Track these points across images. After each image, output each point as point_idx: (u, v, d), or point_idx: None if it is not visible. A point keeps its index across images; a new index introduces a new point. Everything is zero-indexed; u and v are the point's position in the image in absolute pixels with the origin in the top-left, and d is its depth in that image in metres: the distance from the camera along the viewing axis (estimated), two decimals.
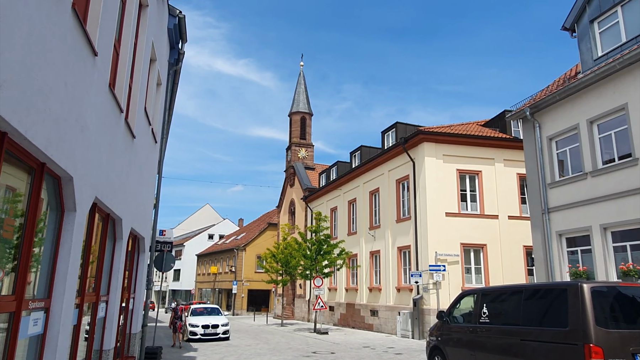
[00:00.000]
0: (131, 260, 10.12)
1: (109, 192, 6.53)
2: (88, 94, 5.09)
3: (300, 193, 38.30)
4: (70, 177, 4.72)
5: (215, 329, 19.06)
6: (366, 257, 25.78)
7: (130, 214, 8.52)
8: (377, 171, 25.45)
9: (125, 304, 9.95)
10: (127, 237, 8.33)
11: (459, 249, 20.18)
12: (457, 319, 9.17)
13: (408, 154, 21.69)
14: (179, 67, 13.12)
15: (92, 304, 6.80)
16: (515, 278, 20.35)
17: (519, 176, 21.69)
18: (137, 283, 10.87)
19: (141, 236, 10.47)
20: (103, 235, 7.07)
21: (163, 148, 13.10)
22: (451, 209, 20.56)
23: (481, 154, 21.43)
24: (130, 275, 10.12)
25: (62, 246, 4.85)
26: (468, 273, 20.40)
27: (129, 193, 8.26)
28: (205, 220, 77.08)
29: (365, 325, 24.65)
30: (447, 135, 21.01)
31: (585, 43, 13.32)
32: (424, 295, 19.80)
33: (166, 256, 13.25)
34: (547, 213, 13.80)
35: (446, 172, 20.90)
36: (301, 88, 43.04)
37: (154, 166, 11.64)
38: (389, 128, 25.74)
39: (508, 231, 20.85)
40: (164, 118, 12.72)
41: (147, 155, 10.17)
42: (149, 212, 11.19)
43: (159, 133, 12.00)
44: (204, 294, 59.63)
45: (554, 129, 13.96)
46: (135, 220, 9.13)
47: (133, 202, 8.74)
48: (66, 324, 4.96)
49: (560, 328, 6.36)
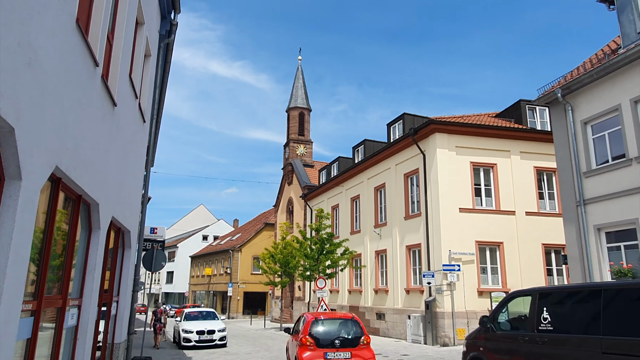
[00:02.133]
0: (114, 257, 8.57)
1: (78, 165, 5.01)
2: (40, 16, 3.58)
3: (298, 191, 36.77)
4: (10, 129, 3.21)
5: (211, 334, 17.43)
6: (371, 256, 24.29)
7: (111, 199, 6.99)
8: (382, 165, 23.99)
9: (107, 308, 8.40)
10: (106, 227, 6.79)
11: (474, 247, 18.75)
12: (504, 325, 7.69)
13: (418, 145, 20.25)
14: (172, 40, 11.59)
15: (58, 310, 5.28)
16: (533, 278, 18.94)
17: (536, 169, 20.32)
18: (122, 284, 9.32)
19: (126, 229, 8.92)
20: (73, 222, 5.54)
21: (154, 132, 11.54)
22: (465, 204, 19.14)
23: (496, 145, 20.03)
24: (113, 275, 8.57)
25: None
26: (484, 273, 18.97)
27: (109, 174, 6.73)
28: (199, 221, 75.29)
29: (371, 329, 23.13)
30: (460, 125, 19.59)
31: (626, 15, 11.94)
32: (437, 297, 18.34)
33: (156, 254, 11.66)
34: (583, 205, 12.38)
35: (459, 165, 19.48)
36: (299, 83, 41.57)
37: (142, 150, 10.11)
38: (396, 120, 24.29)
39: (526, 228, 19.45)
40: (155, 97, 11.18)
41: (134, 134, 8.64)
42: (135, 203, 9.65)
43: (147, 112, 10.47)
44: (198, 297, 57.84)
45: (589, 112, 12.56)
46: (117, 208, 7.60)
47: (114, 185, 7.22)
48: None
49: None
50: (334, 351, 10.03)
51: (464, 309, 17.95)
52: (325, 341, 10.18)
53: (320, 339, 10.22)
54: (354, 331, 10.69)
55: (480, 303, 18.20)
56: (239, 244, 48.00)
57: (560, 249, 19.85)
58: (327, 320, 11.05)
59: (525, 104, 21.30)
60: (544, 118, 21.40)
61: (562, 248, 19.82)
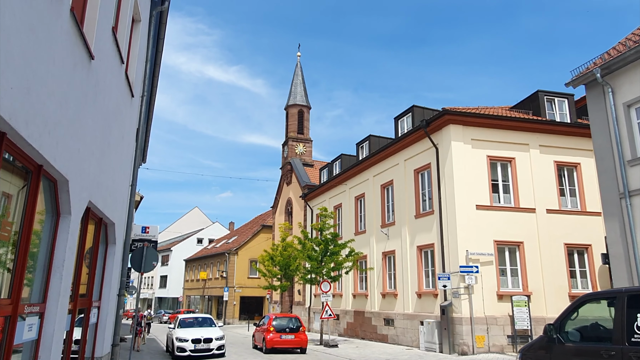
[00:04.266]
0: (94, 253, 7.10)
1: (32, 117, 3.57)
2: None
3: (298, 191, 35.31)
4: None
5: (208, 343, 15.83)
6: (378, 258, 22.84)
7: (86, 178, 5.53)
8: (390, 161, 22.60)
9: (84, 315, 6.93)
10: (80, 213, 5.33)
11: (493, 248, 17.37)
12: (573, 334, 6.27)
13: (430, 138, 18.88)
14: (165, 8, 10.15)
15: (6, 319, 3.82)
16: (556, 281, 17.61)
17: (556, 164, 18.99)
18: (104, 287, 7.84)
19: (110, 221, 7.45)
20: (29, 202, 4.10)
21: (147, 111, 10.05)
22: (482, 201, 17.77)
23: (514, 138, 18.69)
24: (92, 276, 7.09)
25: None
26: (503, 275, 17.58)
27: (84, 145, 5.28)
28: (193, 224, 73.45)
29: (378, 336, 21.68)
30: (476, 116, 18.25)
31: None
32: (454, 302, 16.91)
33: (147, 252, 10.15)
34: (628, 197, 11.03)
35: (475, 159, 18.12)
36: (298, 80, 40.21)
37: (130, 130, 8.65)
38: (404, 113, 22.90)
39: (547, 227, 18.09)
40: (146, 71, 9.73)
41: (118, 106, 7.19)
42: (121, 189, 8.17)
43: (137, 87, 9.03)
44: (192, 302, 56.07)
45: (633, 94, 11.23)
46: (97, 193, 6.14)
47: (92, 162, 5.76)
48: None
49: None
50: (285, 334, 17.53)
51: (482, 314, 16.54)
52: (280, 328, 17.69)
53: (277, 327, 17.71)
54: (297, 324, 18.26)
55: (500, 308, 16.81)
56: (236, 246, 46.40)
57: (583, 249, 18.53)
58: (281, 317, 18.84)
59: (544, 95, 20.00)
60: (562, 110, 20.10)
61: (585, 248, 18.51)
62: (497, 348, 16.30)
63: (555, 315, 17.25)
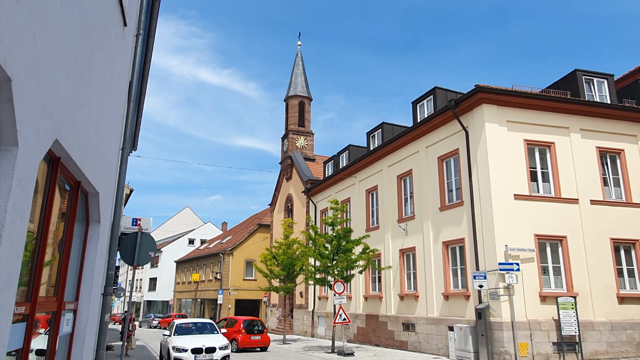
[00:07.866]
0: (67, 234, 4.80)
1: None
2: None
3: (299, 187, 33.09)
4: None
5: (210, 354, 13.46)
6: (394, 256, 20.70)
7: (52, 104, 3.26)
8: (408, 149, 20.51)
9: (52, 322, 4.64)
10: (37, 160, 3.06)
11: (534, 242, 15.34)
12: None
13: (460, 121, 16.81)
14: None
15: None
16: (602, 280, 15.64)
17: (599, 150, 17.05)
18: (83, 283, 5.56)
19: (93, 189, 5.17)
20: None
21: (146, 51, 7.81)
22: (520, 190, 15.75)
23: (553, 121, 16.71)
24: (64, 268, 4.80)
25: None
26: (545, 274, 15.54)
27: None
28: (184, 224, 70.78)
29: (396, 342, 19.52)
30: (514, 94, 16.24)
31: None
32: (492, 304, 14.83)
33: (141, 239, 7.81)
34: None
35: (512, 143, 16.11)
36: (299, 70, 38.08)
37: (121, 67, 6.40)
38: (424, 96, 20.78)
39: (591, 220, 16.11)
40: (141, 4, 7.48)
41: (101, 26, 4.96)
42: (108, 148, 5.89)
43: (132, 15, 6.79)
44: (183, 305, 53.41)
45: None
46: (70, 132, 3.88)
47: (62, 76, 3.50)
48: None
49: None
50: (253, 335, 20.24)
51: (524, 318, 14.49)
52: (249, 330, 20.39)
53: (246, 329, 20.33)
54: (262, 327, 21.15)
55: (544, 311, 14.78)
56: (230, 246, 43.94)
57: (630, 245, 16.59)
58: (249, 320, 21.19)
59: (582, 74, 18.06)
60: (602, 91, 18.18)
61: (632, 243, 16.57)
62: (542, 357, 14.24)
63: (605, 320, 15.37)
